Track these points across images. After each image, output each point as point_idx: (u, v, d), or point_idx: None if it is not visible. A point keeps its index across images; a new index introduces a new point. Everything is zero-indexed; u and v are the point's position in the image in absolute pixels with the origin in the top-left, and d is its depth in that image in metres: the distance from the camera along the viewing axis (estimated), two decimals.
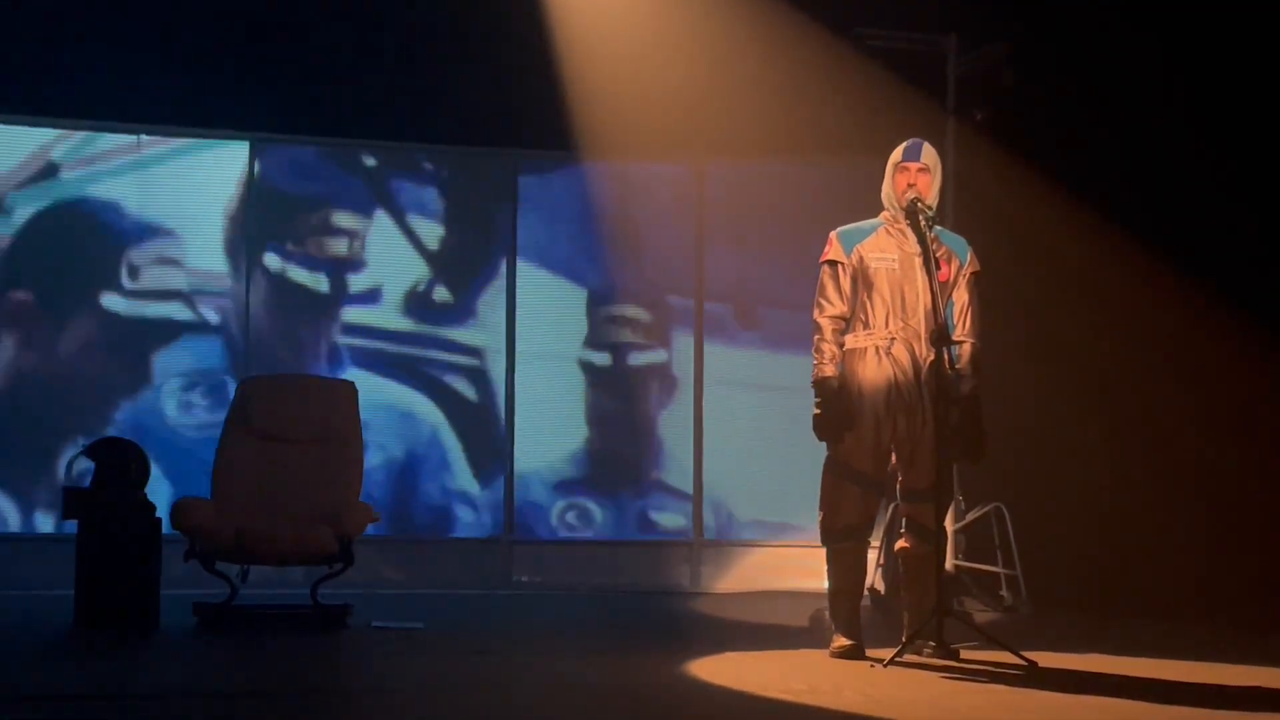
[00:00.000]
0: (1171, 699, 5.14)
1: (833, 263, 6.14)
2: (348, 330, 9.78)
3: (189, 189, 9.60)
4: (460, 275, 9.95)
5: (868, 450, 6.04)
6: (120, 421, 9.31)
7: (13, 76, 9.13)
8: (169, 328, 9.56)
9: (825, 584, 6.24)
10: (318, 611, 7.25)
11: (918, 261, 6.01)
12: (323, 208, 9.85)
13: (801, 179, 9.93)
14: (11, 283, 9.39)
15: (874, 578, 8.07)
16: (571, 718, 4.84)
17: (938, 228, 6.12)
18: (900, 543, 6.19)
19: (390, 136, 9.83)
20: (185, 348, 9.57)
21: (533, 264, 9.95)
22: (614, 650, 6.56)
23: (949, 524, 7.52)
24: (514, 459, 9.85)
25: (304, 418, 7.74)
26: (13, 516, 9.20)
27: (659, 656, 6.11)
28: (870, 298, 6.07)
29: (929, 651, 5.94)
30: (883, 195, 6.19)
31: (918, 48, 9.35)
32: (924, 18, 9.23)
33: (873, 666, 5.74)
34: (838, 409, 6.01)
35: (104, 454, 7.40)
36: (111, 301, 9.48)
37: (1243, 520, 7.58)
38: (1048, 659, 5.88)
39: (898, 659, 5.76)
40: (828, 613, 6.29)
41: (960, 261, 6.15)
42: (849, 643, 6.02)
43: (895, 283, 6.05)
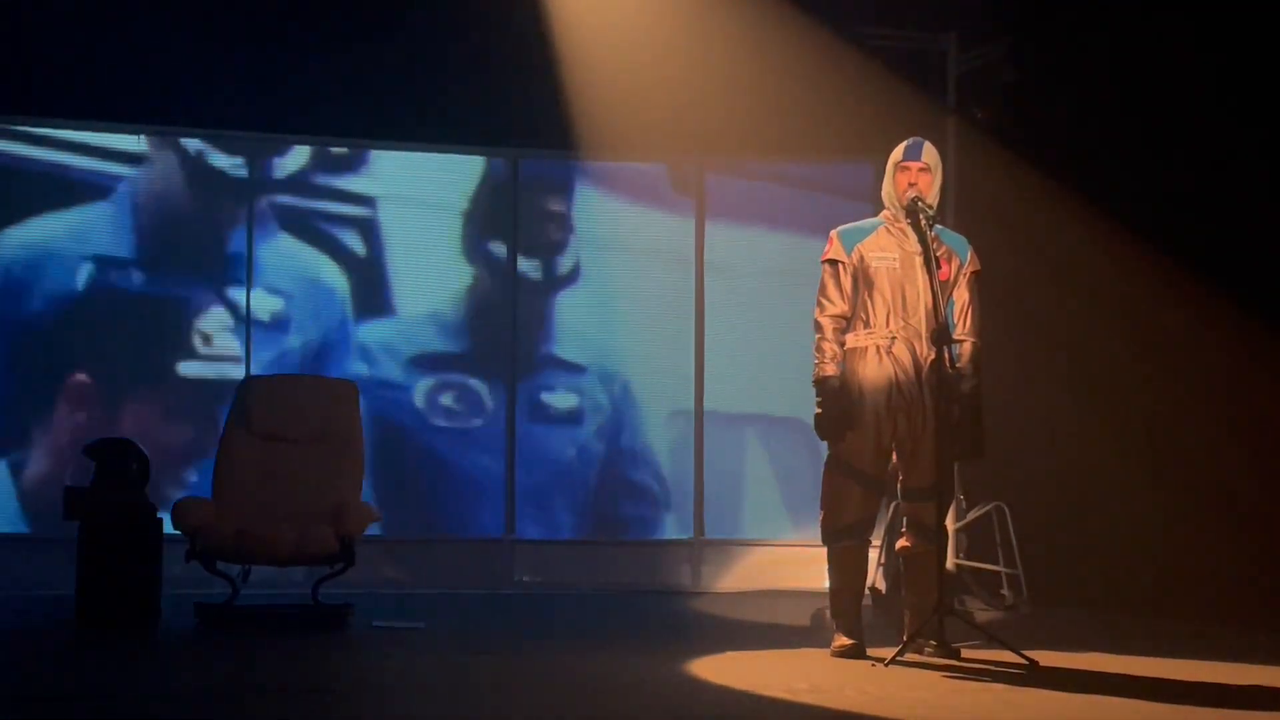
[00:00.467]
0: (1172, 698, 5.14)
1: (833, 262, 6.14)
2: None
3: None
4: None
5: (869, 449, 6.04)
6: None
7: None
8: None
9: (826, 583, 6.24)
10: (319, 611, 7.26)
11: (918, 260, 6.01)
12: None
13: (802, 178, 9.93)
14: None
15: (875, 577, 8.06)
16: (573, 717, 4.85)
17: (938, 227, 6.12)
18: (901, 541, 6.20)
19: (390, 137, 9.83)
20: None
21: None
22: (615, 649, 6.56)
23: (950, 523, 7.52)
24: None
25: (304, 417, 7.75)
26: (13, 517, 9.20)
27: (660, 656, 6.10)
28: (871, 297, 6.07)
29: (930, 650, 5.95)
30: (883, 194, 6.20)
31: (918, 46, 9.35)
32: (924, 16, 9.22)
33: (874, 665, 5.74)
34: (839, 408, 6.01)
35: (105, 454, 7.40)
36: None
37: (1244, 519, 7.57)
38: (1048, 658, 5.88)
39: (899, 658, 5.76)
40: (829, 612, 6.29)
41: (961, 260, 6.15)
42: (850, 642, 6.02)
43: (896, 282, 6.06)
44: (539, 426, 9.98)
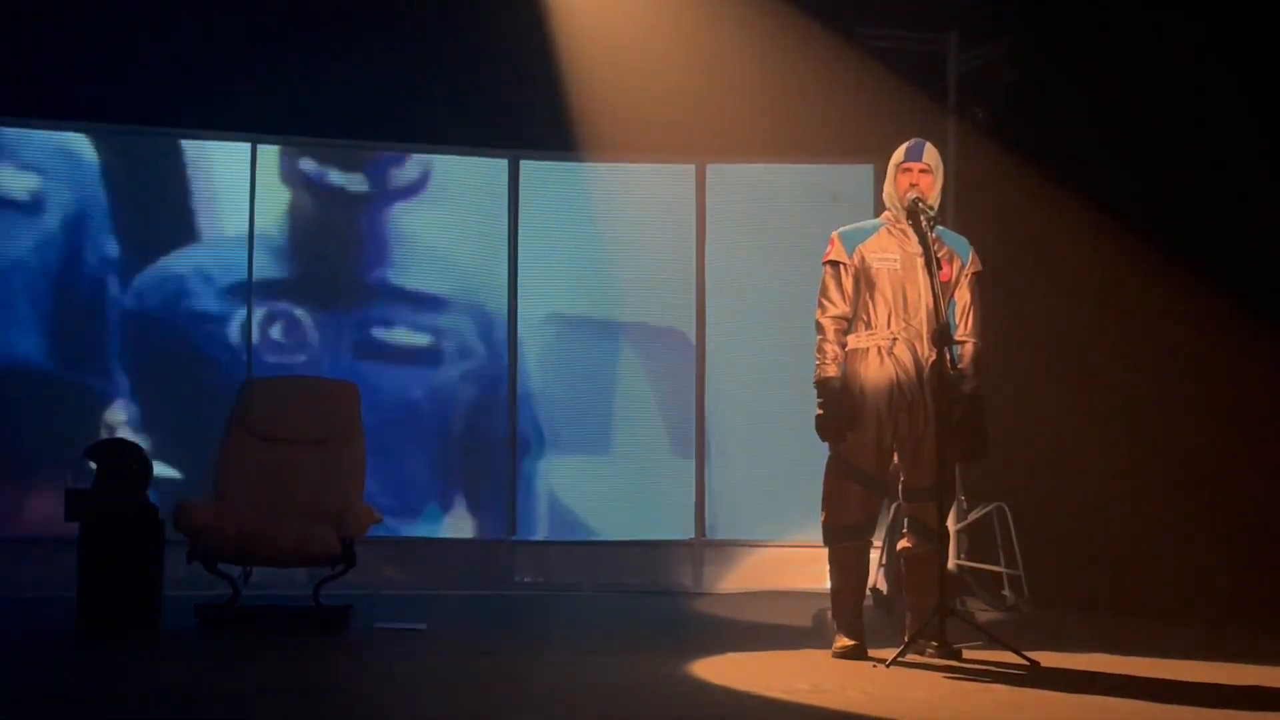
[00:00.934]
0: (1173, 699, 5.14)
1: (835, 263, 6.14)
2: None
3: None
4: None
5: (870, 450, 6.05)
6: None
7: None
8: None
9: (827, 584, 6.24)
10: (320, 612, 7.25)
11: (919, 262, 6.02)
12: None
13: (802, 179, 9.92)
14: None
15: (876, 577, 8.06)
16: (574, 718, 4.85)
17: (939, 228, 6.13)
18: (902, 542, 6.20)
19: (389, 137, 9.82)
20: None
21: None
22: (616, 651, 6.57)
23: (951, 523, 7.52)
24: None
25: (306, 418, 7.75)
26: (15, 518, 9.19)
27: (661, 657, 6.11)
28: (872, 298, 6.07)
29: (931, 651, 5.95)
30: (884, 195, 6.21)
31: (918, 46, 9.34)
32: (925, 16, 9.22)
33: (875, 666, 5.75)
34: (840, 409, 6.02)
35: (105, 456, 7.40)
36: None
37: (1245, 519, 7.57)
38: (1050, 658, 5.88)
39: (900, 659, 5.76)
40: (830, 612, 6.29)
41: (962, 261, 6.16)
42: (851, 642, 6.02)
43: (897, 283, 6.06)
44: (367, 363, 9.66)
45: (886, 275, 6.07)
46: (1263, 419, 7.56)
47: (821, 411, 6.05)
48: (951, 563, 8.13)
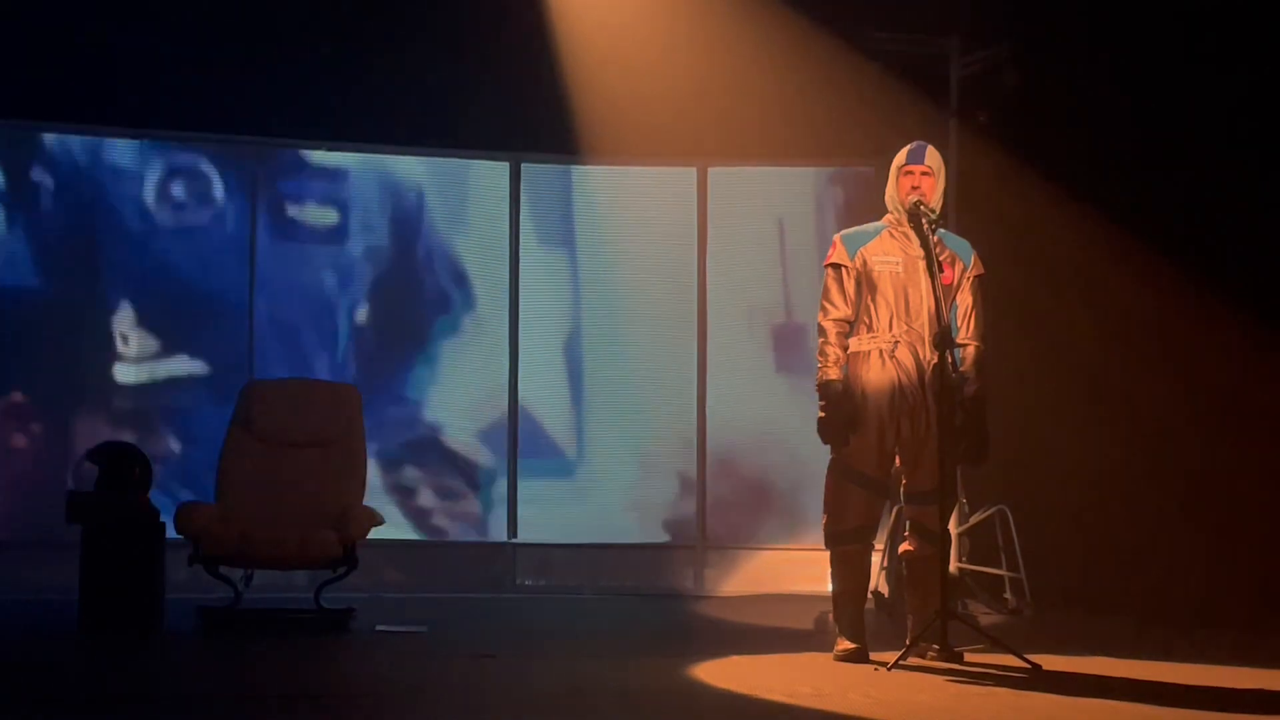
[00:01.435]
0: (1175, 702, 5.13)
1: (837, 266, 6.14)
2: None
3: None
4: None
5: (871, 453, 6.04)
6: None
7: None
8: None
9: (829, 587, 6.24)
10: (321, 615, 7.25)
11: (921, 264, 6.02)
12: None
13: (804, 181, 9.93)
14: None
15: (878, 580, 8.06)
16: None
17: (941, 230, 6.13)
18: (904, 545, 6.21)
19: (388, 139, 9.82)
20: None
21: None
22: (618, 653, 6.56)
23: (953, 526, 7.52)
24: None
25: (307, 421, 7.75)
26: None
27: (663, 660, 6.10)
28: (874, 301, 6.07)
29: (933, 654, 5.94)
30: (886, 198, 6.20)
31: (920, 49, 9.33)
32: (926, 19, 9.21)
33: (877, 669, 5.75)
34: (842, 412, 6.02)
35: (107, 458, 7.40)
36: None
37: (1246, 523, 7.57)
38: (1051, 662, 5.87)
39: (902, 662, 5.76)
40: (831, 616, 6.29)
41: (964, 264, 6.16)
42: (853, 646, 6.02)
43: (899, 286, 6.06)
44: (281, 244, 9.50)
45: (888, 278, 6.07)
46: (1266, 424, 7.55)
47: (823, 414, 6.05)
48: (953, 566, 8.12)
